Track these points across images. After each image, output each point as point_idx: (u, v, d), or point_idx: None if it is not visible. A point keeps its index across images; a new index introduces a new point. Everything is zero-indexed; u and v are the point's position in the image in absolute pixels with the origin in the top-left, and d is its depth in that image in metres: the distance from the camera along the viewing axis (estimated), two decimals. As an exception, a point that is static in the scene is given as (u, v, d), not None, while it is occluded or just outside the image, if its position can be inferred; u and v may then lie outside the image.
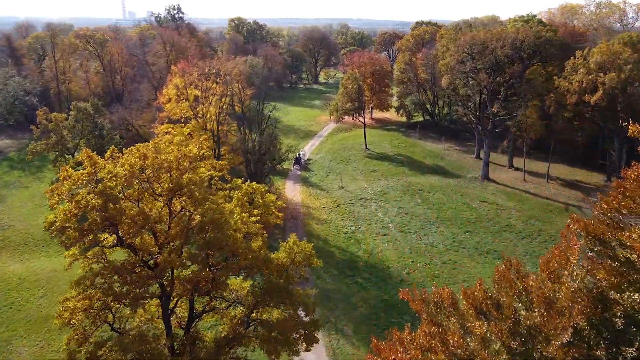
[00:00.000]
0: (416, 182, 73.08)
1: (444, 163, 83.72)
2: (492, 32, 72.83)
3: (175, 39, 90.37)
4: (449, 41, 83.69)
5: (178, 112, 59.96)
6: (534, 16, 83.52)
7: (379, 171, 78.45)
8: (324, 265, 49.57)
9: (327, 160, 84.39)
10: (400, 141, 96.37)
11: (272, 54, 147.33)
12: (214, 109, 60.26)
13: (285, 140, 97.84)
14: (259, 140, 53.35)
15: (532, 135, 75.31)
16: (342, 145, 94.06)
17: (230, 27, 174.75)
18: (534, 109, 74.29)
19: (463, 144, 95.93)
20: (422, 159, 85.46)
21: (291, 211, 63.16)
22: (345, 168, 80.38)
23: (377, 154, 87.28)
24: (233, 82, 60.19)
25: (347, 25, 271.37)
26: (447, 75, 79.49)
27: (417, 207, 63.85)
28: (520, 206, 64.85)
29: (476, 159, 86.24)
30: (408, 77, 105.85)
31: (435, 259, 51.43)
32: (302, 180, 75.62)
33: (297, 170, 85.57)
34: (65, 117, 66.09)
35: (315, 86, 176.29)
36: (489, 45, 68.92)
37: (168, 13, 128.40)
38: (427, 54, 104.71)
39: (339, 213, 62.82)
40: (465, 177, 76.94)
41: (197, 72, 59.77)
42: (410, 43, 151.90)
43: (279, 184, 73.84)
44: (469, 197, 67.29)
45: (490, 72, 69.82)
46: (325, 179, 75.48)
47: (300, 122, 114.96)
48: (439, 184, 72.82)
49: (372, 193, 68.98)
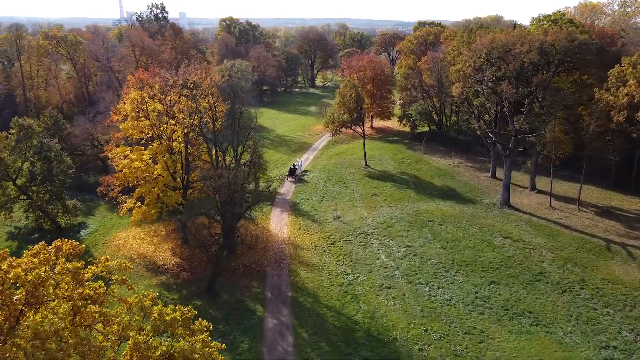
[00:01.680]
0: (425, 210, 61.14)
1: (455, 184, 71.74)
2: (512, 33, 60.72)
3: (146, 41, 77.77)
4: (460, 44, 71.65)
5: (135, 132, 48.00)
6: (563, 15, 71.18)
7: (381, 195, 66.48)
8: (310, 337, 37.82)
9: (322, 181, 72.35)
10: (404, 156, 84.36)
11: (264, 56, 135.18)
12: (181, 128, 48.26)
13: (275, 155, 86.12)
14: (230, 176, 41.35)
15: (560, 155, 63.40)
16: (338, 160, 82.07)
17: (221, 28, 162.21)
18: (560, 124, 62.41)
19: (474, 159, 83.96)
20: (429, 179, 73.49)
21: (275, 252, 51.19)
22: (342, 191, 68.38)
23: (379, 173, 75.29)
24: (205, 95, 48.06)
25: (345, 26, 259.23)
26: (458, 84, 67.44)
27: (428, 246, 51.91)
28: (552, 243, 52.90)
29: (492, 178, 74.28)
30: (412, 84, 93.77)
31: (455, 326, 39.49)
32: (291, 207, 63.56)
33: (291, 182, 73.87)
34: (6, 136, 54.05)
35: (311, 90, 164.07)
36: (513, 49, 56.84)
37: (151, 12, 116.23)
38: (433, 58, 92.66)
39: (334, 254, 50.85)
40: (482, 202, 65.00)
41: (159, 84, 47.76)
42: (412, 45, 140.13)
43: (264, 211, 61.86)
44: (489, 231, 55.35)
45: (513, 81, 57.79)
46: (319, 206, 63.47)
47: (294, 132, 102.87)
48: (452, 212, 60.88)
49: (373, 225, 57.03)
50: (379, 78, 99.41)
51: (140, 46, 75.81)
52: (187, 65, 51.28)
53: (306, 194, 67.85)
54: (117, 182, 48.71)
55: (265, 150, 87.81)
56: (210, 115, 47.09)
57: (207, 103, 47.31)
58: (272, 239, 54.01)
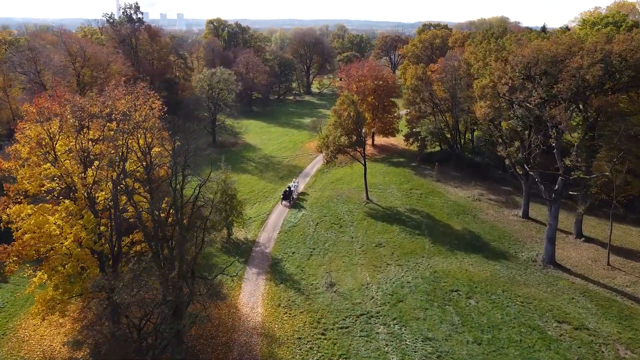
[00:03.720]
0: (446, 272, 45.56)
1: (479, 227, 56.16)
2: (561, 41, 44.95)
3: (88, 49, 61.24)
4: (487, 52, 55.93)
5: (33, 186, 32.37)
6: (624, 17, 55.22)
7: (388, 245, 50.92)
8: None
9: (313, 223, 56.68)
10: (413, 184, 68.75)
11: (254, 61, 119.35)
12: (105, 178, 32.62)
13: (259, 184, 70.37)
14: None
15: (622, 198, 47.84)
16: (335, 191, 66.43)
17: (208, 30, 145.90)
18: (624, 159, 46.86)
19: (497, 189, 68.35)
20: (446, 219, 57.90)
21: (241, 351, 35.47)
22: (337, 239, 52.76)
23: (383, 211, 59.69)
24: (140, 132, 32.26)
25: (344, 27, 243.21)
26: (484, 102, 51.89)
27: (456, 339, 36.29)
28: (628, 334, 37.28)
29: (523, 218, 58.66)
30: (421, 97, 78.07)
31: None
32: (271, 266, 47.79)
33: (286, 207, 61.25)
34: None
35: (306, 98, 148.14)
36: (567, 63, 41.09)
37: (123, 13, 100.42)
38: (445, 66, 76.89)
39: (326, 353, 35.21)
40: (517, 257, 49.43)
41: (71, 115, 32.11)
42: (417, 49, 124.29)
43: (236, 272, 46.24)
44: (538, 311, 39.73)
45: (567, 104, 42.12)
46: (307, 265, 47.80)
47: (283, 152, 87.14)
48: (482, 275, 45.31)
49: (378, 299, 41.40)
50: (382, 89, 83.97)
51: (82, 54, 59.46)
52: (115, 87, 35.39)
53: (292, 243, 52.13)
54: (14, 253, 33.08)
55: (248, 178, 72.33)
56: (144, 161, 31.32)
57: (139, 143, 31.51)
58: (239, 326, 38.24)
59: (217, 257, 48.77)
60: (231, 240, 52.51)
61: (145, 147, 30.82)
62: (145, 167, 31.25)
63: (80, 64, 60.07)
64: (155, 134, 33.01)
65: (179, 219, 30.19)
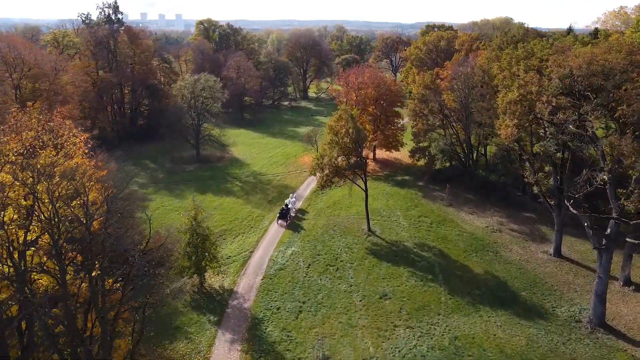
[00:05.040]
0: (469, 340, 35.56)
1: (503, 269, 46.14)
2: (616, 47, 34.87)
3: (27, 57, 50.42)
4: (513, 60, 45.80)
5: None
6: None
7: (395, 297, 40.91)
8: None
9: (303, 266, 46.56)
10: (421, 210, 58.77)
11: (245, 65, 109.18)
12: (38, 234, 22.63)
13: (244, 210, 60.09)
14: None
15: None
16: (331, 219, 56.41)
17: (197, 32, 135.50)
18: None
19: (519, 216, 58.27)
20: (463, 258, 47.90)
21: None
22: (332, 288, 42.67)
23: (388, 246, 49.70)
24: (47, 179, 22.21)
25: (343, 28, 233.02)
26: (512, 122, 41.79)
27: None
28: None
29: (555, 257, 48.61)
30: (430, 109, 68.00)
31: None
32: (249, 329, 37.64)
33: (282, 227, 53.60)
34: None
35: (303, 103, 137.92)
36: (633, 76, 31.05)
37: (102, 13, 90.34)
38: (456, 73, 66.77)
39: None
40: (556, 315, 39.38)
41: None
42: (421, 52, 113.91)
43: (203, 340, 36.20)
44: (595, 404, 29.78)
45: (633, 130, 32.08)
46: (294, 327, 37.71)
47: (274, 168, 76.94)
48: (515, 343, 35.29)
49: (385, 385, 31.40)
50: (385, 97, 74.17)
51: (20, 60, 48.66)
52: (24, 113, 25.22)
53: (277, 295, 41.98)
54: None
55: (232, 202, 62.18)
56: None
57: (49, 194, 21.45)
58: None
59: (183, 316, 38.64)
60: (204, 289, 42.42)
61: (53, 211, 20.61)
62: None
63: (18, 75, 49.60)
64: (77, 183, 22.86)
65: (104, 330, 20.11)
